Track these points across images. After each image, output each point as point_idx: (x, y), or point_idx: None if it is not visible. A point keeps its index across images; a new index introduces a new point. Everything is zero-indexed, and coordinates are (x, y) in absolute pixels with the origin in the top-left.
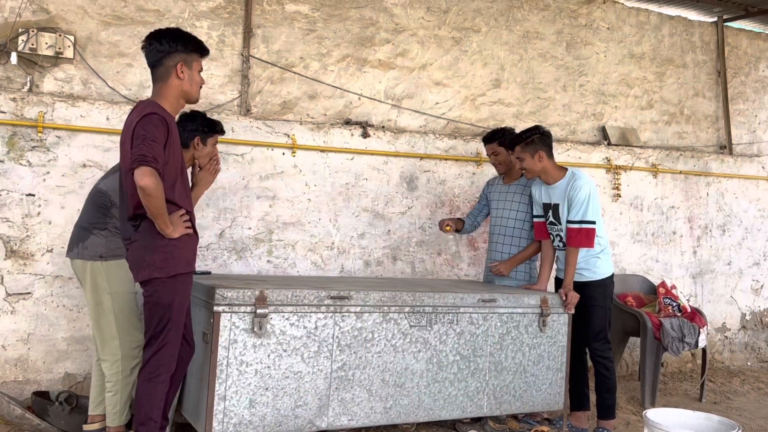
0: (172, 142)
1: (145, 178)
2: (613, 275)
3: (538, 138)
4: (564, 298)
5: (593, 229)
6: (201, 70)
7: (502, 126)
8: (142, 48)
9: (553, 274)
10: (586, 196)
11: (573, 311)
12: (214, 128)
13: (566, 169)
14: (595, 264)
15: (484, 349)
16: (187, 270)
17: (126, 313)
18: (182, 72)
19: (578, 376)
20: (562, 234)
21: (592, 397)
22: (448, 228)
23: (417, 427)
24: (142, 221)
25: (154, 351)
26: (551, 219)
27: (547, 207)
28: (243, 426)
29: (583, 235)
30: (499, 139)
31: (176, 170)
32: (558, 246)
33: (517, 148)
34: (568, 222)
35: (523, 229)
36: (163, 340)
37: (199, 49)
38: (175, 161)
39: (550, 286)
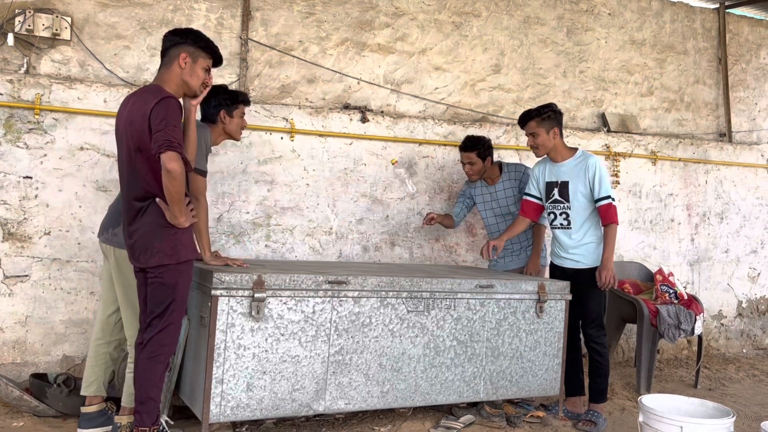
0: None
1: (173, 162)
2: None
3: (554, 114)
4: (601, 278)
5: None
6: (207, 69)
7: (478, 135)
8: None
9: (549, 260)
10: (604, 173)
11: (608, 289)
12: (237, 99)
13: (576, 149)
14: (592, 250)
15: (481, 334)
16: (193, 256)
17: None
18: (184, 62)
19: (573, 361)
20: (569, 211)
21: (587, 382)
22: (432, 221)
23: (413, 412)
24: (150, 206)
25: (157, 331)
26: (556, 197)
27: (551, 185)
28: (240, 409)
29: (613, 210)
30: (479, 149)
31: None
32: (561, 224)
33: (532, 123)
34: (597, 200)
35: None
36: (166, 320)
37: (208, 50)
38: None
39: (547, 278)
